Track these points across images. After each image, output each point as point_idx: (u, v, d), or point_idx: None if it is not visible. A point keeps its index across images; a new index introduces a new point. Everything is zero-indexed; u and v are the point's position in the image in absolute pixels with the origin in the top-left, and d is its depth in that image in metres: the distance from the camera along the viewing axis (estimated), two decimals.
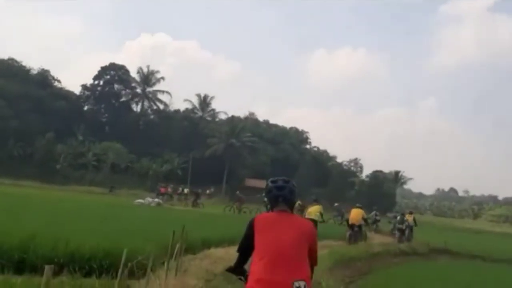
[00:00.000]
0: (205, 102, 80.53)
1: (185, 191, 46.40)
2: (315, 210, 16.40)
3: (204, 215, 25.31)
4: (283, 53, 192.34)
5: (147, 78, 77.32)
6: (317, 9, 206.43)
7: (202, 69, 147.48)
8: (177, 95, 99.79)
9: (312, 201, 17.59)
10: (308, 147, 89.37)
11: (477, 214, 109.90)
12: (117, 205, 26.61)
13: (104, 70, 76.49)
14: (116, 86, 77.31)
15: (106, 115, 77.41)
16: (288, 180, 3.41)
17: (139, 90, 78.25)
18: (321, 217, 16.67)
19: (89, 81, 76.80)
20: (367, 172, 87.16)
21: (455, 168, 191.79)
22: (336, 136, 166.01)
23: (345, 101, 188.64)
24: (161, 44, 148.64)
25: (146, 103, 79.10)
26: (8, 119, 58.92)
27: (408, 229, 23.00)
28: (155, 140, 69.72)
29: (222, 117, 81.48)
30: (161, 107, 79.32)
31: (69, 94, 74.55)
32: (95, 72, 76.69)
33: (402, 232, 22.77)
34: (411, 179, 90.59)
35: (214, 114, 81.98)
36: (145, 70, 77.39)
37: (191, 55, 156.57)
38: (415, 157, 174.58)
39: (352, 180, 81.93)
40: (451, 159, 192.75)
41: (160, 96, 78.41)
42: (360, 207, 19.81)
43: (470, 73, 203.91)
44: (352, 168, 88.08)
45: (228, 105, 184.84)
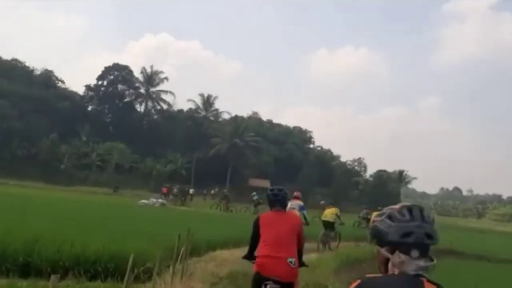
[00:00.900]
0: (208, 102, 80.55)
1: (191, 191, 46.51)
2: (331, 213, 16.88)
3: (208, 216, 25.27)
4: (285, 52, 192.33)
5: (151, 78, 77.46)
6: (319, 8, 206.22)
7: (205, 69, 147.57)
8: (180, 95, 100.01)
9: (328, 204, 18.19)
10: (311, 146, 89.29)
11: (481, 213, 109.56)
12: (122, 205, 26.58)
13: (107, 71, 76.64)
14: (120, 87, 77.43)
15: (110, 115, 77.54)
16: (281, 189, 4.75)
17: (142, 91, 78.44)
18: (338, 219, 17.10)
19: (92, 81, 77.17)
20: (371, 171, 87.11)
21: (459, 167, 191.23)
22: (339, 135, 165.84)
23: (347, 100, 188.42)
24: (164, 44, 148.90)
25: (150, 103, 79.34)
26: (12, 119, 59.05)
27: None
28: (159, 140, 69.79)
29: (226, 117, 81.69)
30: (165, 107, 79.60)
31: (73, 94, 74.77)
32: (98, 73, 77.00)
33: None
34: (415, 178, 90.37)
35: (217, 114, 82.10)
36: (148, 70, 77.72)
37: (194, 55, 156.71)
38: (418, 156, 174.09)
39: (356, 179, 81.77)
40: (454, 158, 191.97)
41: (163, 96, 78.76)
42: (380, 209, 19.99)
43: (473, 71, 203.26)
44: (356, 167, 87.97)
45: (231, 105, 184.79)
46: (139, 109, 79.81)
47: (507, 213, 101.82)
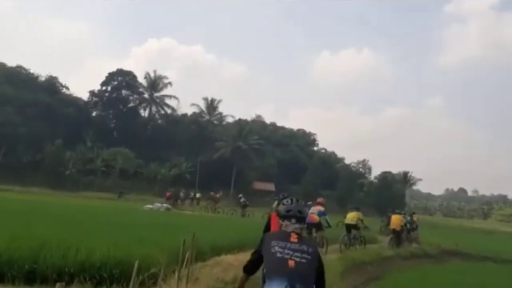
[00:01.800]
0: (212, 105, 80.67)
1: (197, 195, 46.64)
2: (353, 216, 17.68)
3: (213, 220, 25.27)
4: (288, 55, 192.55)
5: (154, 83, 77.66)
6: (322, 11, 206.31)
7: (209, 73, 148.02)
8: (184, 99, 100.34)
9: (352, 208, 19.10)
10: (315, 149, 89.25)
11: (487, 214, 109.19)
12: (126, 210, 26.60)
13: (111, 76, 76.86)
14: (124, 92, 77.60)
15: (114, 120, 77.72)
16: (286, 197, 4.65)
17: (146, 95, 78.61)
18: (361, 222, 17.94)
19: (96, 87, 77.34)
20: (375, 173, 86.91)
21: (464, 168, 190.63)
22: (343, 137, 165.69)
23: (351, 101, 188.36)
24: (167, 49, 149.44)
25: (154, 108, 79.48)
26: (17, 126, 59.27)
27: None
28: (163, 144, 69.92)
29: (229, 120, 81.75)
30: (169, 111, 79.66)
31: (77, 100, 74.99)
32: (102, 78, 77.21)
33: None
34: (420, 179, 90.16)
35: (221, 117, 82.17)
36: (152, 75, 77.90)
37: (197, 59, 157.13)
38: (423, 157, 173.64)
39: (361, 181, 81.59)
40: (459, 158, 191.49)
41: (167, 101, 78.89)
42: (399, 213, 21.89)
43: (477, 71, 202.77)
44: (361, 169, 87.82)
45: (235, 108, 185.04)
46: (143, 114, 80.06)
47: None
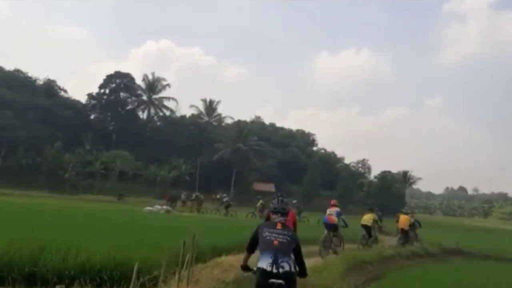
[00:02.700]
0: (211, 107, 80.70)
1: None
2: (369, 218, 18.37)
3: (213, 221, 25.22)
4: (287, 55, 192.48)
5: (153, 85, 77.64)
6: (320, 11, 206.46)
7: (207, 74, 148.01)
8: (183, 101, 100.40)
9: (367, 210, 19.68)
10: (315, 149, 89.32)
11: (487, 212, 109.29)
12: (126, 213, 26.54)
13: (109, 79, 76.88)
14: (122, 94, 77.68)
15: (113, 123, 77.70)
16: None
17: (145, 98, 78.58)
18: (375, 223, 18.82)
19: (95, 90, 77.39)
20: (375, 172, 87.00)
21: (464, 166, 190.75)
22: (343, 137, 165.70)
23: (351, 101, 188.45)
24: (165, 51, 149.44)
25: (152, 110, 79.46)
26: (16, 129, 59.26)
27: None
28: (162, 146, 69.90)
29: (228, 121, 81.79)
30: (167, 113, 79.65)
31: (76, 103, 75.04)
32: (101, 81, 77.22)
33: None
34: (420, 178, 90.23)
35: (220, 119, 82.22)
36: (150, 77, 77.91)
37: (196, 61, 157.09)
38: (423, 156, 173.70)
39: (361, 181, 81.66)
40: (459, 157, 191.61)
41: (166, 102, 78.87)
42: (406, 213, 22.61)
43: (477, 70, 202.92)
44: (360, 169, 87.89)
45: (234, 110, 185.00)
46: (141, 116, 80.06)
47: None
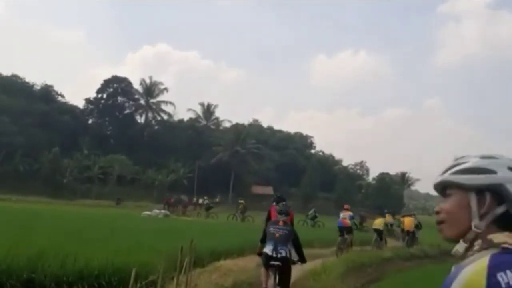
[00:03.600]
0: (208, 110, 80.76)
1: (200, 201, 45.93)
2: (380, 222, 19.37)
3: (211, 225, 25.20)
4: (284, 57, 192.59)
5: (150, 90, 77.66)
6: (318, 13, 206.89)
7: (205, 78, 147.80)
8: (180, 104, 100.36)
9: (378, 214, 21.30)
10: (313, 151, 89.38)
11: None
12: (125, 217, 26.50)
13: (107, 83, 76.85)
14: (120, 99, 77.63)
15: (111, 127, 77.65)
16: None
17: (142, 102, 78.60)
18: (386, 227, 20.16)
19: (92, 94, 77.35)
20: (373, 174, 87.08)
21: None
22: (340, 140, 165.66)
23: (348, 103, 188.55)
24: (162, 55, 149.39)
25: (150, 114, 79.49)
26: (13, 135, 59.15)
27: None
28: (160, 150, 69.81)
29: (226, 125, 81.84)
30: (165, 117, 79.63)
31: (73, 108, 75.03)
32: (98, 86, 77.20)
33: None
34: (418, 180, 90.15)
35: (218, 122, 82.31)
36: (147, 81, 77.97)
37: (193, 64, 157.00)
38: (421, 158, 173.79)
39: (359, 183, 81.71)
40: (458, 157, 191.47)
41: (163, 106, 78.93)
42: (410, 215, 23.66)
43: (474, 71, 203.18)
44: (358, 171, 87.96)
45: (231, 113, 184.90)
46: (139, 121, 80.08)
47: None
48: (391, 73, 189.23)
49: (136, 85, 78.03)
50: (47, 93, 73.33)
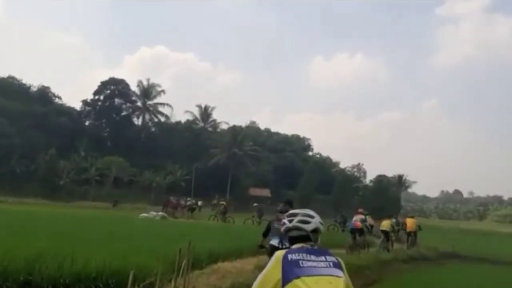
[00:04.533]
0: (206, 113, 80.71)
1: (199, 203, 45.98)
2: (387, 224, 19.92)
3: (209, 227, 25.15)
4: (282, 60, 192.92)
5: (147, 91, 77.53)
6: (314, 16, 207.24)
7: (202, 80, 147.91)
8: (177, 107, 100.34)
9: (385, 216, 21.50)
10: (310, 154, 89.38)
11: (482, 215, 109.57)
12: (122, 219, 26.44)
13: (104, 85, 76.64)
14: (117, 101, 77.44)
15: (108, 129, 77.46)
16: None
17: (139, 104, 78.42)
18: (393, 228, 20.64)
19: (89, 96, 77.08)
20: (370, 177, 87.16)
21: (459, 170, 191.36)
22: (338, 142, 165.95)
23: (346, 105, 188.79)
24: (160, 57, 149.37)
25: (147, 116, 79.33)
26: (10, 136, 58.98)
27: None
28: (157, 152, 69.69)
29: (224, 127, 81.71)
30: (162, 119, 79.52)
31: (70, 110, 74.83)
32: (95, 87, 76.99)
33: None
34: (415, 182, 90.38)
35: (215, 124, 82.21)
36: (145, 83, 77.76)
37: (190, 66, 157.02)
38: (418, 160, 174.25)
39: (356, 185, 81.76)
40: (454, 160, 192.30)
41: (161, 108, 78.71)
42: (412, 216, 24.58)
43: (470, 72, 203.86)
44: (356, 173, 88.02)
45: (229, 115, 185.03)
46: (136, 123, 79.84)
47: (508, 214, 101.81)
48: (389, 75, 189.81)
49: (134, 87, 77.99)
50: (44, 95, 73.13)
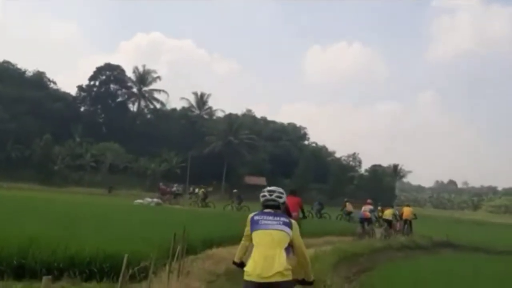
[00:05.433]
0: (201, 100, 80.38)
1: (198, 190, 44.63)
2: (389, 213, 21.53)
3: (203, 214, 25.17)
4: (279, 49, 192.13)
5: (143, 78, 77.07)
6: (312, 5, 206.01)
7: (198, 67, 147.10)
8: (173, 93, 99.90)
9: (387, 206, 23.65)
10: (306, 143, 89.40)
11: (476, 205, 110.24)
12: (117, 206, 26.44)
13: (99, 71, 76.11)
14: (112, 86, 76.96)
15: (103, 115, 77.04)
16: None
17: (135, 90, 78.00)
18: (395, 217, 22.16)
19: (84, 82, 76.57)
20: (366, 166, 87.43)
21: (454, 160, 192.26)
22: (334, 131, 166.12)
23: (342, 95, 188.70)
24: (156, 43, 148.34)
25: (143, 103, 78.95)
26: (5, 122, 58.72)
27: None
28: (153, 139, 69.44)
29: (220, 115, 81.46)
30: (158, 106, 79.17)
31: (65, 95, 74.38)
32: (90, 73, 76.46)
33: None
34: (410, 172, 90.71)
35: (211, 112, 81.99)
36: (140, 69, 77.24)
37: (187, 53, 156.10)
38: (413, 150, 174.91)
39: (352, 174, 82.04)
40: (449, 151, 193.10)
41: (156, 95, 78.29)
42: (408, 205, 26.07)
43: (466, 64, 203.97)
44: (351, 162, 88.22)
45: (225, 103, 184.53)
46: (132, 109, 79.58)
47: (502, 204, 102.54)
48: (385, 65, 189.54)
49: (129, 73, 77.48)
50: (39, 80, 72.59)
